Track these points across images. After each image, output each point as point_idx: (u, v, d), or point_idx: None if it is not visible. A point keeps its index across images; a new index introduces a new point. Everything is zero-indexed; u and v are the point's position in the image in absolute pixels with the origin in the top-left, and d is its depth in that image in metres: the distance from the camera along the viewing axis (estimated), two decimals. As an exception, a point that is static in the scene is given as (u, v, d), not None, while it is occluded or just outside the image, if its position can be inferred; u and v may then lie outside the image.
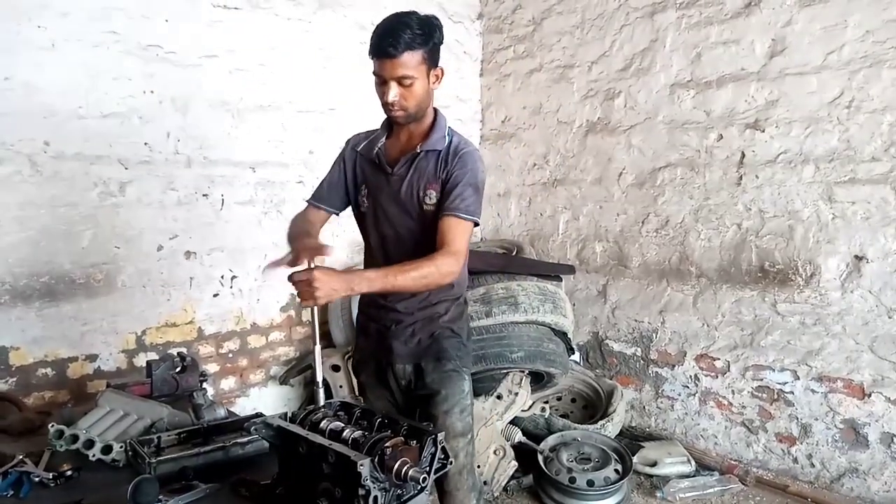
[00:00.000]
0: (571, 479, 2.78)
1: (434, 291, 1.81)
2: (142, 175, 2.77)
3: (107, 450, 1.57)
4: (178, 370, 2.11)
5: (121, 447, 1.58)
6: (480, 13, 4.31)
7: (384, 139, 1.85)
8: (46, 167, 2.51)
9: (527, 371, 3.09)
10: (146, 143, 2.78)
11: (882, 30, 2.69)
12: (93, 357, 2.69)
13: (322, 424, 1.31)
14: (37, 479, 1.48)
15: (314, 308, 1.52)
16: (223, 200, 3.06)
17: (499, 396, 3.03)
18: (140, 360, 2.77)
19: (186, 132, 2.89)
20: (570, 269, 3.61)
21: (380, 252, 1.87)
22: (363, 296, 2.02)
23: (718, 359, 3.29)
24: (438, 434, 1.28)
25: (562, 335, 3.19)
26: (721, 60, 3.18)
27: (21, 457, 1.56)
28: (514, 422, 3.14)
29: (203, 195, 2.99)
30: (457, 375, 1.86)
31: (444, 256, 1.64)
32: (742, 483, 3.02)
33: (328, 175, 1.94)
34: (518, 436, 3.08)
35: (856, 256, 2.82)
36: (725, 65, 3.17)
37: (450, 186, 1.73)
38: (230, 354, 3.19)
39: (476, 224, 1.75)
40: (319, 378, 1.48)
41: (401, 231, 1.82)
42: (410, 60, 1.63)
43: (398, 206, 1.81)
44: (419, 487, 1.23)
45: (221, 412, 1.96)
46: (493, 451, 2.89)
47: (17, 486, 1.45)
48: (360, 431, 1.26)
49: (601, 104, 3.69)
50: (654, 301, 3.53)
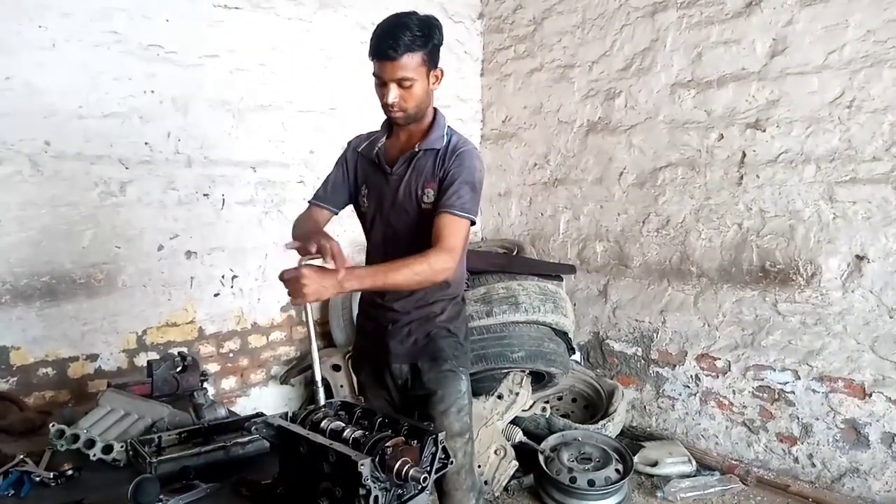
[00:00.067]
0: (572, 479, 2.78)
1: (430, 291, 1.81)
2: (142, 175, 2.78)
3: (107, 449, 1.57)
4: (179, 370, 2.12)
5: (121, 447, 1.58)
6: (481, 13, 4.31)
7: (384, 139, 1.85)
8: (47, 167, 2.51)
9: (527, 371, 3.09)
10: (147, 143, 2.78)
11: (883, 29, 2.69)
12: (93, 357, 2.70)
13: (323, 424, 1.31)
14: (37, 479, 1.48)
15: (307, 307, 1.51)
16: (224, 200, 3.07)
17: (499, 396, 3.03)
18: (141, 360, 2.77)
19: (187, 132, 2.90)
20: (571, 269, 3.61)
21: (380, 251, 1.87)
22: (363, 295, 2.03)
23: (719, 359, 3.29)
24: (439, 434, 1.28)
25: (562, 335, 3.19)
26: (722, 60, 3.18)
27: (22, 456, 1.56)
28: (515, 421, 3.14)
29: (204, 195, 2.99)
30: (453, 375, 1.85)
31: (438, 253, 1.63)
32: (743, 483, 3.02)
33: (330, 175, 1.95)
34: (519, 435, 3.08)
35: (857, 256, 2.81)
36: (726, 64, 3.17)
37: (447, 184, 1.72)
38: (231, 354, 3.20)
39: (473, 223, 1.74)
40: (318, 377, 1.48)
41: (400, 230, 1.82)
42: (410, 62, 1.63)
43: (397, 206, 1.81)
44: (420, 487, 1.23)
45: (222, 412, 1.96)
46: (494, 451, 2.89)
47: (18, 486, 1.46)
48: (361, 431, 1.26)
49: (602, 104, 3.69)
50: (655, 301, 3.53)
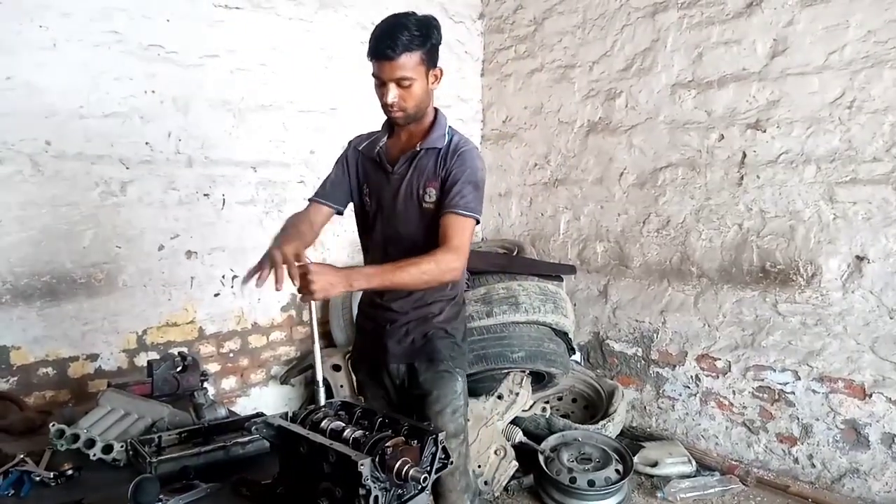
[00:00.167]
0: (572, 479, 2.78)
1: (429, 291, 1.81)
2: (143, 175, 2.78)
3: (107, 449, 1.57)
4: (179, 370, 2.12)
5: (121, 447, 1.58)
6: (482, 13, 4.31)
7: (385, 139, 1.86)
8: (48, 167, 2.51)
9: (527, 371, 3.09)
10: (147, 143, 2.78)
11: (884, 30, 2.68)
12: (94, 356, 2.70)
13: (323, 424, 1.31)
14: (38, 479, 1.48)
15: (313, 305, 1.52)
16: (224, 200, 3.07)
17: (499, 396, 3.03)
18: (141, 360, 2.77)
19: (188, 132, 2.90)
20: (571, 269, 3.61)
21: (380, 251, 1.87)
22: (362, 295, 2.03)
23: (719, 359, 3.29)
24: (439, 434, 1.28)
25: (563, 335, 3.19)
26: (722, 60, 3.18)
27: (22, 456, 1.56)
28: (515, 422, 3.14)
29: (204, 195, 2.99)
30: (449, 376, 1.85)
31: (445, 253, 1.64)
32: (743, 483, 3.02)
33: (331, 174, 1.95)
34: (519, 436, 3.08)
35: (857, 257, 2.81)
36: (727, 65, 3.16)
37: (449, 184, 1.73)
38: (231, 354, 3.20)
39: (477, 221, 1.75)
40: (319, 377, 1.48)
41: (401, 230, 1.82)
42: (409, 62, 1.63)
43: (398, 205, 1.81)
44: (420, 487, 1.23)
45: (222, 412, 1.95)
46: (494, 451, 2.89)
47: (18, 486, 1.45)
48: (361, 431, 1.26)
49: (602, 104, 3.69)
50: (655, 301, 3.52)
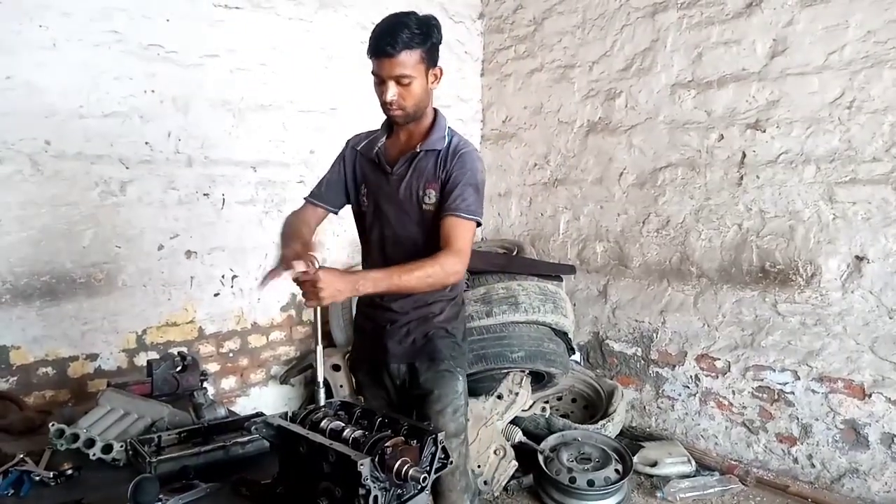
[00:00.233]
0: (572, 479, 2.78)
1: (429, 291, 1.80)
2: (143, 174, 2.78)
3: (107, 449, 1.57)
4: (179, 369, 2.12)
5: (121, 446, 1.58)
6: (481, 13, 4.30)
7: (384, 139, 1.85)
8: (47, 166, 2.51)
9: (527, 371, 3.09)
10: (147, 143, 2.78)
11: (883, 30, 2.68)
12: (93, 356, 2.70)
13: (322, 424, 1.31)
14: (37, 478, 1.48)
15: (317, 308, 1.52)
16: (224, 200, 3.07)
17: (499, 396, 3.03)
18: (141, 360, 2.77)
19: (187, 132, 2.90)
20: (571, 269, 3.61)
21: (379, 252, 1.87)
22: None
23: (719, 359, 3.29)
24: (438, 433, 1.28)
25: (562, 335, 3.19)
26: (722, 60, 3.18)
27: (22, 456, 1.55)
28: (515, 421, 3.14)
29: (204, 195, 2.99)
30: (450, 376, 1.86)
31: (448, 256, 1.64)
32: (742, 483, 3.02)
33: (327, 174, 1.94)
34: (518, 436, 3.08)
35: (856, 257, 2.81)
36: (726, 65, 3.16)
37: (450, 187, 1.73)
38: (231, 354, 3.20)
39: (478, 224, 1.75)
40: (320, 378, 1.48)
41: (399, 231, 1.82)
42: (408, 60, 1.63)
43: (397, 206, 1.81)
44: (419, 487, 1.23)
45: (222, 411, 1.95)
46: (494, 451, 2.89)
47: (18, 485, 1.45)
48: (361, 431, 1.26)
49: (602, 104, 3.69)
50: (655, 301, 3.52)
